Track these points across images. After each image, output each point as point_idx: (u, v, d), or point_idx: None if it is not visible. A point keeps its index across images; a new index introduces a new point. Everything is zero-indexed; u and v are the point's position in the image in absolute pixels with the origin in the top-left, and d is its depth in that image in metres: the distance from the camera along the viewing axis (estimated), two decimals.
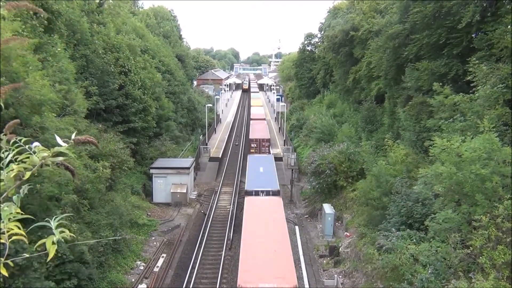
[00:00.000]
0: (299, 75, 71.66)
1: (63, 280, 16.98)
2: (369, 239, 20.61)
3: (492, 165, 13.11)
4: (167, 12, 75.80)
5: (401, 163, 22.50)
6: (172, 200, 33.41)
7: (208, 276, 23.25)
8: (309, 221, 31.04)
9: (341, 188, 30.83)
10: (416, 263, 14.19)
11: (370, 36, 34.71)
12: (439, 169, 13.97)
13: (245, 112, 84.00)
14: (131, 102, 33.01)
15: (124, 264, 23.15)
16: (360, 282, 20.42)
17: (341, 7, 55.51)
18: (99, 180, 22.15)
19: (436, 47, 23.27)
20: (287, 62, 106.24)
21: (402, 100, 26.77)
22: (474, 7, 20.23)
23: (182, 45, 75.07)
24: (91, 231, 20.66)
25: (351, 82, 42.27)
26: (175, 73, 53.29)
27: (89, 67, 30.04)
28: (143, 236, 27.09)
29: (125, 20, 43.26)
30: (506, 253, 11.15)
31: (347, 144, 32.59)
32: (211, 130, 57.53)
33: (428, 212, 16.36)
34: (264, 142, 44.58)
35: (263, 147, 44.05)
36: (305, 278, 22.47)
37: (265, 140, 44.80)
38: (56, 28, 25.20)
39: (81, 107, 23.71)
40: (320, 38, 65.04)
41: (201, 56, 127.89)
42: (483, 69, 17.76)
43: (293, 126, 56.83)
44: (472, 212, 12.98)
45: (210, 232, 28.76)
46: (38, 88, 17.01)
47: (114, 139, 28.37)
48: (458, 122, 16.91)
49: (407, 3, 25.54)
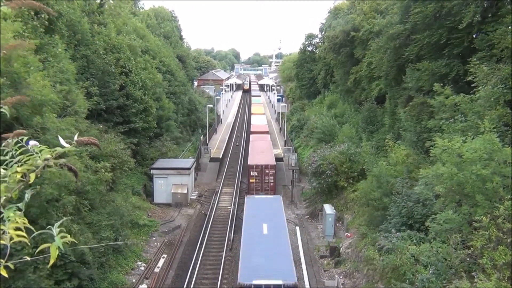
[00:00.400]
0: (299, 76, 71.68)
1: (63, 281, 17.00)
2: (370, 240, 20.59)
3: (493, 165, 13.11)
4: (168, 12, 75.88)
5: (401, 164, 22.49)
6: (172, 201, 33.42)
7: (208, 277, 23.24)
8: (310, 222, 31.02)
9: (341, 189, 30.82)
10: (417, 264, 14.19)
11: (371, 36, 34.70)
12: (440, 170, 13.97)
13: (245, 113, 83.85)
14: (131, 103, 33.04)
15: (125, 265, 23.16)
16: (361, 283, 20.40)
17: (342, 8, 55.59)
18: (100, 181, 22.17)
19: (436, 48, 23.26)
20: (287, 63, 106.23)
21: (403, 100, 26.74)
22: (475, 7, 20.21)
23: (182, 46, 75.11)
24: (92, 231, 20.68)
25: (351, 83, 42.25)
26: (175, 73, 53.31)
27: (90, 67, 30.07)
28: (143, 236, 27.12)
29: (126, 21, 43.27)
30: (507, 254, 11.15)
31: (348, 145, 32.58)
32: (212, 130, 57.54)
33: (429, 213, 16.35)
34: (268, 169, 32.89)
35: (266, 176, 32.46)
36: (306, 279, 22.45)
37: (269, 167, 32.92)
38: (57, 28, 25.24)
39: (81, 108, 23.72)
40: (321, 39, 65.12)
41: (202, 57, 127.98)
42: (483, 70, 17.75)
43: (293, 126, 56.83)
44: (472, 212, 12.98)
45: (211, 233, 28.76)
46: (39, 89, 17.04)
47: (115, 140, 28.40)
48: (458, 123, 16.89)
49: (408, 4, 25.53)
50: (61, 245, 2.02)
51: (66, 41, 26.76)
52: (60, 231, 2.05)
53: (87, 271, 18.22)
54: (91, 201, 21.76)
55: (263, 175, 32.43)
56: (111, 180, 24.44)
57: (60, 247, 2.02)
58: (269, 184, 32.84)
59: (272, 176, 32.55)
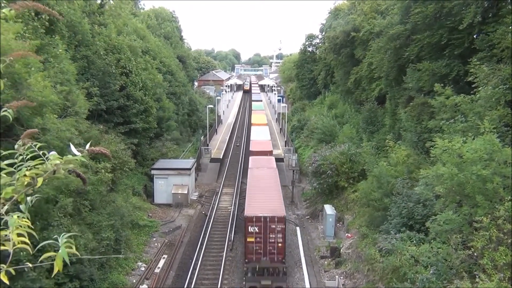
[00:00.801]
0: (300, 76, 71.71)
1: (65, 283, 17.01)
2: (370, 240, 20.59)
3: (493, 166, 13.10)
4: (168, 13, 75.96)
5: (402, 164, 22.48)
6: (173, 201, 33.43)
7: (209, 277, 23.24)
8: (310, 222, 31.02)
9: (342, 189, 30.82)
10: (417, 264, 14.18)
11: (371, 37, 34.71)
12: (440, 170, 13.96)
13: (246, 114, 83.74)
14: (132, 103, 33.05)
15: (125, 265, 23.17)
16: (361, 283, 20.39)
17: (342, 8, 55.62)
18: (101, 182, 22.19)
19: (437, 48, 23.26)
20: (288, 63, 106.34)
21: (403, 101, 26.75)
22: (476, 7, 20.20)
23: (183, 46, 75.18)
24: (92, 232, 20.68)
25: (352, 83, 42.26)
26: (176, 74, 53.34)
27: (90, 68, 30.09)
28: (144, 237, 27.12)
29: (126, 21, 43.31)
30: (507, 254, 11.14)
31: (348, 145, 32.57)
32: (212, 131, 57.54)
33: (429, 213, 16.35)
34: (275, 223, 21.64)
35: (272, 233, 21.64)
36: (306, 279, 22.45)
37: (277, 220, 21.63)
38: (57, 29, 25.26)
39: (82, 108, 23.73)
40: (321, 39, 65.15)
41: (202, 57, 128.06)
42: (484, 70, 17.74)
43: (294, 127, 56.84)
44: (473, 213, 12.97)
45: (211, 233, 28.75)
46: (39, 90, 17.05)
47: (115, 140, 28.42)
48: (459, 123, 16.88)
49: (408, 4, 25.53)
50: (66, 257, 2.02)
51: (67, 41, 26.77)
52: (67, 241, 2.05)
53: (88, 271, 18.23)
54: (92, 202, 21.76)
55: (267, 232, 21.61)
56: (112, 180, 24.45)
57: (65, 259, 2.02)
58: (276, 246, 21.64)
59: (280, 233, 21.59)
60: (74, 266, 17.36)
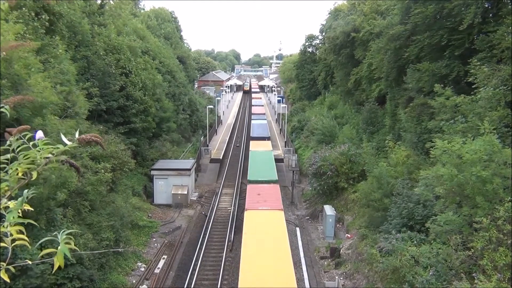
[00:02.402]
0: (300, 77, 71.70)
1: (65, 283, 17.00)
2: (370, 241, 20.58)
3: (493, 167, 13.10)
4: (168, 13, 75.94)
5: (402, 165, 22.48)
6: (173, 202, 33.42)
7: (209, 278, 23.23)
8: (310, 223, 31.00)
9: (342, 190, 30.81)
10: (417, 265, 14.17)
11: (371, 37, 34.71)
12: (440, 171, 13.96)
13: (246, 114, 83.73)
14: (132, 103, 33.07)
15: (125, 266, 23.16)
16: (361, 284, 20.38)
17: (342, 9, 55.58)
18: (100, 182, 22.18)
19: (437, 48, 23.24)
20: (288, 64, 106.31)
21: (403, 101, 26.73)
22: (476, 8, 20.20)
23: (183, 47, 75.18)
24: (92, 232, 20.67)
25: (352, 84, 42.25)
26: (176, 74, 53.34)
27: (90, 68, 30.10)
28: (144, 237, 27.10)
29: (126, 22, 43.32)
30: (507, 255, 11.13)
31: (348, 146, 32.57)
32: (212, 131, 57.53)
33: (429, 214, 16.35)
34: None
35: None
36: (306, 280, 22.43)
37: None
38: (57, 29, 25.26)
39: (82, 109, 23.73)
40: (321, 40, 65.13)
41: (202, 58, 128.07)
42: (484, 71, 17.74)
43: (294, 127, 56.83)
44: (473, 214, 12.96)
45: (211, 234, 28.73)
46: (39, 90, 17.05)
47: (115, 141, 28.42)
48: (459, 124, 16.88)
49: (408, 4, 25.52)
50: (68, 253, 2.02)
51: (67, 42, 26.78)
52: (66, 237, 2.05)
53: (87, 272, 18.21)
54: (91, 202, 21.75)
55: None
56: (111, 181, 24.44)
57: (67, 255, 2.02)
58: None
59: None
60: (74, 267, 17.35)
